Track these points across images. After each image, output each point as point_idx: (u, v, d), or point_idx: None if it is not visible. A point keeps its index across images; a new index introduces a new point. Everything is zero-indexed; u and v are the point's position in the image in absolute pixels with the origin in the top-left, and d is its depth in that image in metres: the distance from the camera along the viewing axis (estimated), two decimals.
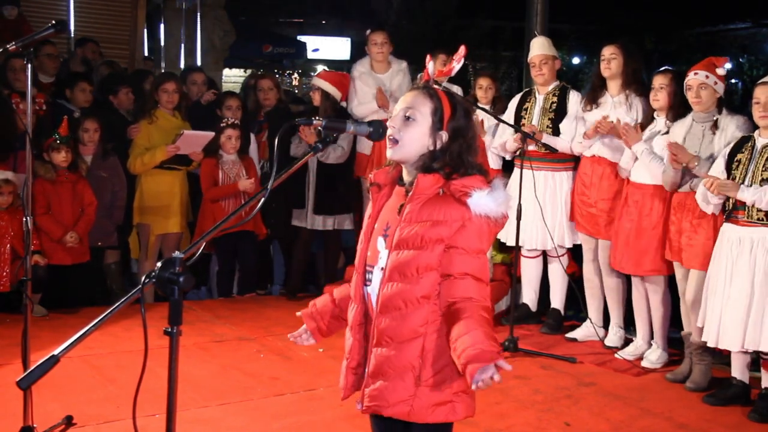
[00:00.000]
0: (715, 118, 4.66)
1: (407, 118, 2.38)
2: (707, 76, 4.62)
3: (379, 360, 2.37)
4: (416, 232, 2.32)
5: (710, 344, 4.43)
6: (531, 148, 5.50)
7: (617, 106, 5.32)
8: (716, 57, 4.76)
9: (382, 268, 2.39)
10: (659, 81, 4.93)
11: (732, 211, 4.30)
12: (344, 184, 6.56)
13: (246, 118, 6.76)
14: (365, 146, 6.55)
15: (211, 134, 6.37)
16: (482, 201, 2.28)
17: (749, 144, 4.31)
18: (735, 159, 4.32)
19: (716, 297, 4.34)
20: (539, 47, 5.72)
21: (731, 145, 4.41)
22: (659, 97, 4.92)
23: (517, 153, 5.68)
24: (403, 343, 2.34)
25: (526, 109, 5.77)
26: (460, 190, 2.30)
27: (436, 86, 2.45)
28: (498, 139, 5.90)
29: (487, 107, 6.03)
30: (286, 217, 6.59)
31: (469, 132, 2.42)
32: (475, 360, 2.13)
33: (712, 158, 4.54)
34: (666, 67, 5.09)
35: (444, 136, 2.38)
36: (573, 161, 5.71)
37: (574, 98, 5.66)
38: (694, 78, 4.67)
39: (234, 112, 6.69)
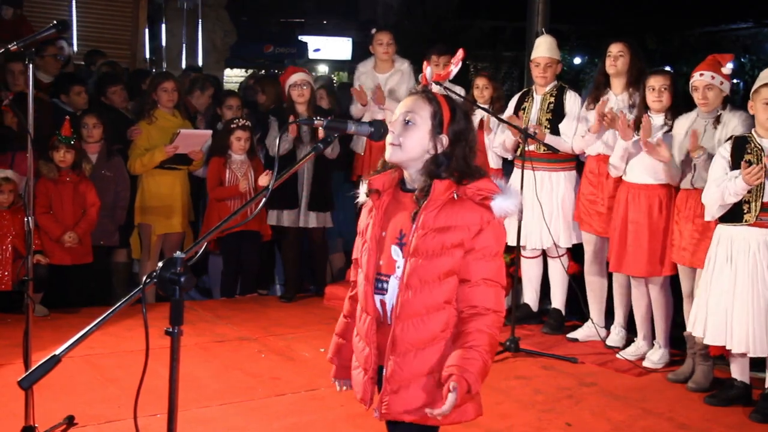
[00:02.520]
0: (718, 113, 4.66)
1: (407, 123, 2.39)
2: (713, 77, 4.60)
3: (397, 367, 2.36)
4: (435, 238, 2.32)
5: (737, 350, 4.33)
6: (530, 147, 5.50)
7: (621, 103, 5.32)
8: (720, 54, 4.73)
9: (399, 277, 2.37)
10: (660, 82, 4.92)
11: (759, 213, 4.20)
12: (331, 184, 6.60)
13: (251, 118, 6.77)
14: (359, 146, 6.56)
15: (208, 133, 6.38)
16: (504, 204, 2.31)
17: (751, 145, 4.28)
18: (745, 161, 4.22)
19: (745, 302, 4.26)
20: (547, 49, 5.70)
21: (728, 145, 4.37)
22: (663, 98, 4.92)
23: (518, 153, 5.69)
24: (423, 349, 2.34)
25: (524, 109, 5.78)
26: (478, 194, 2.32)
27: (435, 90, 2.46)
28: (498, 138, 5.90)
29: (485, 107, 6.02)
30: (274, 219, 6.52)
31: (470, 135, 2.43)
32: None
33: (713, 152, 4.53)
34: (661, 68, 5.09)
35: (444, 139, 2.38)
36: (572, 162, 5.72)
37: (572, 98, 5.66)
38: (700, 79, 4.64)
39: (234, 111, 6.71)
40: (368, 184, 2.52)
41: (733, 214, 4.30)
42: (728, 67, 4.65)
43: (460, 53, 2.48)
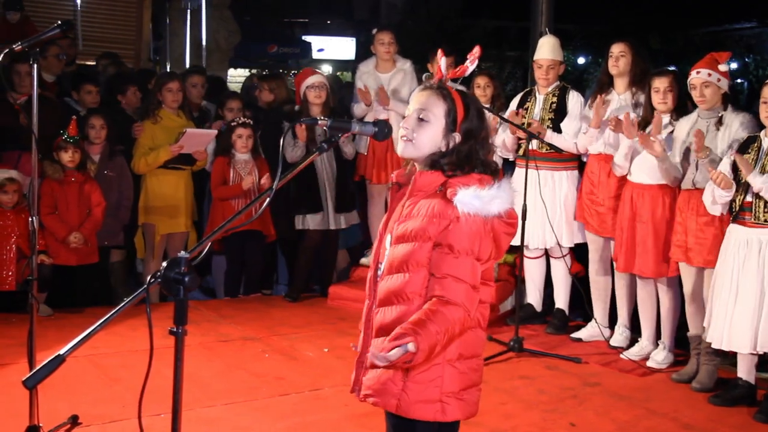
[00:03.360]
0: (720, 114, 4.65)
1: (421, 119, 2.38)
2: (709, 74, 4.61)
3: (372, 352, 2.38)
4: (408, 228, 2.34)
5: (715, 345, 4.43)
6: (532, 147, 5.50)
7: (623, 103, 5.31)
8: (718, 53, 4.74)
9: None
10: (665, 83, 4.91)
11: (738, 212, 4.30)
12: (353, 182, 6.66)
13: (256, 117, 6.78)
14: (362, 146, 6.56)
15: (213, 132, 6.39)
16: (466, 199, 2.26)
17: (755, 144, 4.30)
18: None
19: (723, 298, 4.34)
20: (550, 50, 5.69)
21: (737, 145, 4.40)
22: (668, 99, 4.91)
23: (519, 152, 5.69)
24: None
25: (526, 109, 5.77)
26: (452, 189, 2.30)
27: (450, 86, 2.45)
28: (498, 138, 5.89)
29: (487, 106, 6.02)
30: (289, 219, 6.52)
31: (482, 132, 2.42)
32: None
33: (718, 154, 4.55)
34: (666, 68, 5.08)
35: (457, 137, 2.38)
36: (574, 161, 5.71)
37: (574, 98, 5.66)
38: (697, 77, 4.65)
39: (235, 113, 6.71)
40: (392, 177, 2.55)
41: (731, 212, 4.38)
42: (726, 64, 4.65)
43: (476, 50, 2.44)
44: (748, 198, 4.25)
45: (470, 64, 2.56)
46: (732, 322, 4.29)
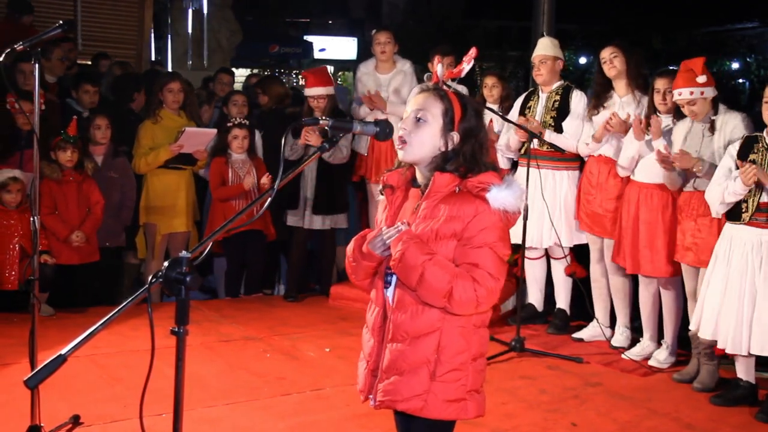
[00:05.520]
0: (712, 119, 4.64)
1: (418, 120, 2.40)
2: (691, 92, 4.56)
3: (394, 355, 2.39)
4: (431, 227, 2.34)
5: (704, 336, 4.42)
6: (534, 146, 5.49)
7: (626, 105, 5.28)
8: (692, 61, 4.65)
9: None
10: (666, 85, 4.89)
11: (754, 213, 4.23)
12: (342, 185, 6.55)
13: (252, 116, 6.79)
14: (362, 147, 6.54)
15: (213, 131, 6.39)
16: (501, 195, 2.31)
17: (759, 144, 4.27)
18: (749, 160, 4.24)
19: (731, 300, 4.30)
20: (540, 47, 5.72)
21: (736, 145, 4.36)
22: (668, 100, 4.90)
23: (522, 151, 5.68)
24: (418, 338, 2.36)
25: (529, 108, 5.77)
26: (477, 186, 2.33)
27: (445, 87, 2.47)
28: (502, 138, 5.89)
29: (495, 107, 6.01)
30: (283, 218, 6.51)
31: (481, 132, 2.45)
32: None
33: (712, 158, 4.53)
34: (668, 68, 5.07)
35: (455, 137, 2.39)
36: (576, 161, 5.70)
37: (577, 97, 5.64)
38: (680, 99, 4.62)
39: (240, 108, 6.72)
40: (383, 180, 2.55)
41: (734, 213, 4.33)
42: (703, 75, 4.57)
43: (473, 51, 2.46)
44: (765, 198, 4.20)
45: (466, 65, 2.59)
46: (742, 325, 4.26)
